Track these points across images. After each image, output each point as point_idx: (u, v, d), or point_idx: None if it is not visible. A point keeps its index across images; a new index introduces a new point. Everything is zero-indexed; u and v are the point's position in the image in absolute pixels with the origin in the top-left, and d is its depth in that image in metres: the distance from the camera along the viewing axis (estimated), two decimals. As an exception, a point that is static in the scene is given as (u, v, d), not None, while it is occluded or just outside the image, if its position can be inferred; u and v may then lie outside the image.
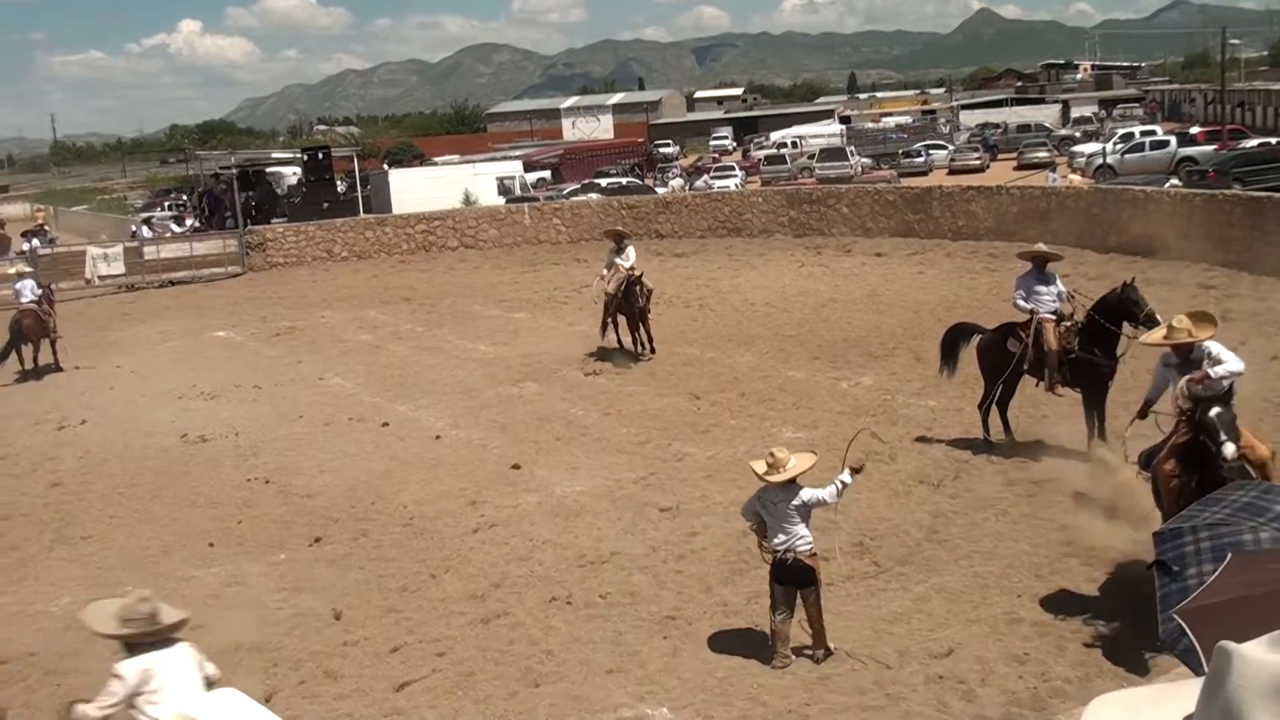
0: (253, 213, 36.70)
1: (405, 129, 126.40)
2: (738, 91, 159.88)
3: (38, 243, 29.93)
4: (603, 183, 43.33)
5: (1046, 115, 73.75)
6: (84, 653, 8.62)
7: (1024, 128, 60.60)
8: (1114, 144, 42.95)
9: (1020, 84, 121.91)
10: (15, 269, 21.86)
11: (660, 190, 41.38)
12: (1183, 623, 3.81)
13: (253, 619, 9.01)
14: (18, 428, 16.06)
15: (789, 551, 7.59)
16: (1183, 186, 28.36)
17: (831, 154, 50.59)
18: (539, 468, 12.46)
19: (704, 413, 14.25)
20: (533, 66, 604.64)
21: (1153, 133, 45.03)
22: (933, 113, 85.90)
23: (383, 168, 52.90)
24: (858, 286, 22.08)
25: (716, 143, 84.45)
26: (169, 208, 52.06)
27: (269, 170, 43.53)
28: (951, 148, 54.64)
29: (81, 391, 18.00)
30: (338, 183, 42.30)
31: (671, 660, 7.87)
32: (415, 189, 39.84)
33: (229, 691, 5.67)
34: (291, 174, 43.43)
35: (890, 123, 76.88)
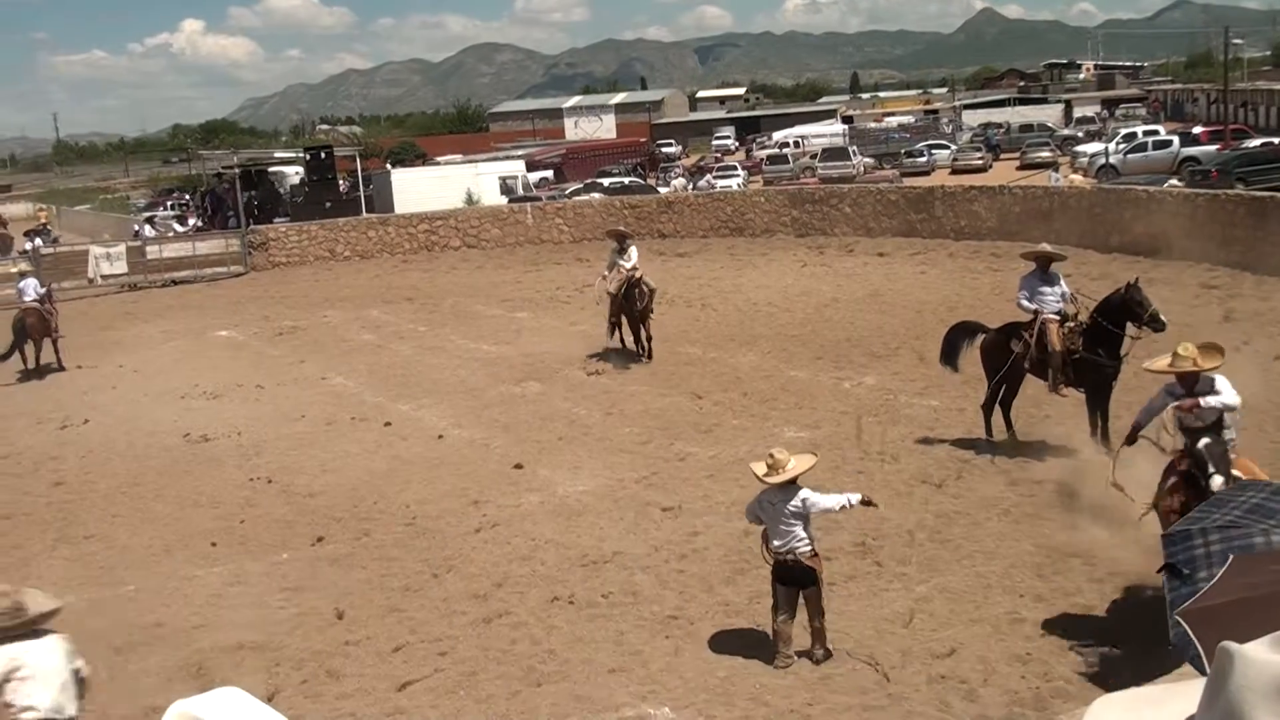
0: (255, 212, 36.72)
1: (408, 129, 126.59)
2: (740, 91, 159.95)
3: (40, 242, 29.97)
4: (605, 182, 43.29)
5: (1049, 115, 73.69)
6: (86, 651, 8.64)
7: (1026, 127, 60.54)
8: (1116, 144, 42.93)
9: (1023, 84, 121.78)
10: (18, 268, 21.92)
11: (663, 190, 41.36)
12: (1184, 624, 3.80)
13: (255, 618, 9.03)
14: (20, 427, 16.09)
15: (789, 553, 7.60)
16: (1183, 186, 28.34)
17: (834, 154, 50.59)
18: (541, 467, 12.46)
19: (706, 412, 14.25)
20: (535, 66, 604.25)
21: (1155, 133, 45.01)
22: (935, 112, 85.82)
23: (385, 167, 52.88)
24: (860, 286, 22.08)
25: (719, 142, 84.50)
26: (171, 207, 52.13)
27: (271, 170, 43.51)
28: (954, 148, 54.60)
29: (84, 391, 18.03)
30: (340, 182, 42.32)
31: (673, 660, 7.87)
32: (418, 189, 39.80)
33: (232, 690, 5.66)
34: (294, 174, 43.40)
35: (893, 122, 76.82)
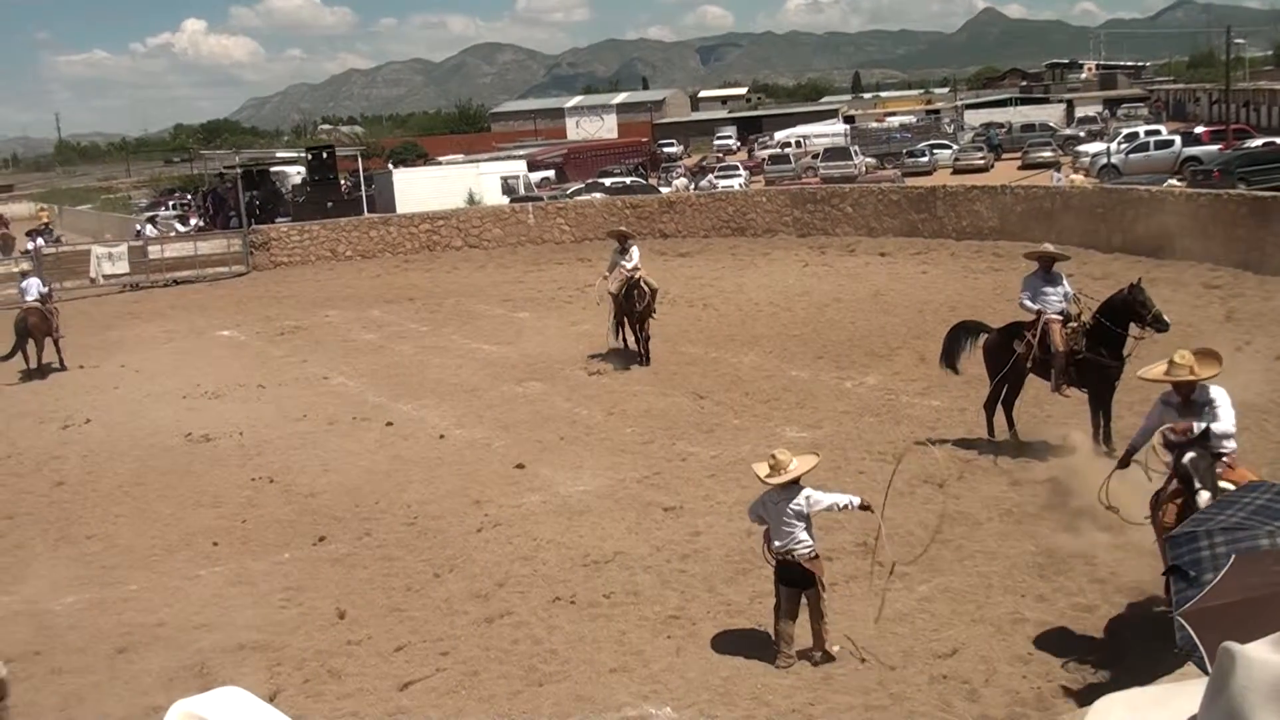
0: (257, 212, 36.76)
1: (409, 128, 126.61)
2: (742, 91, 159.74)
3: (42, 241, 29.99)
4: (607, 182, 43.29)
5: (1051, 115, 73.57)
6: (88, 651, 8.66)
7: (1028, 127, 60.51)
8: (1118, 144, 42.89)
9: (1025, 83, 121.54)
10: (20, 268, 21.95)
11: (664, 190, 41.36)
12: (1186, 624, 3.80)
13: (257, 618, 9.03)
14: (22, 427, 16.10)
15: (789, 554, 7.60)
16: (1184, 186, 28.30)
17: (835, 153, 50.52)
18: (543, 467, 12.46)
19: (708, 412, 14.25)
20: (537, 66, 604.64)
21: (1157, 132, 44.97)
22: (937, 112, 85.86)
23: (387, 167, 52.90)
24: (862, 286, 22.07)
25: (720, 142, 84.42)
26: (173, 207, 52.20)
27: (273, 170, 43.57)
28: (956, 147, 54.52)
29: (86, 391, 18.04)
30: (342, 182, 42.33)
31: (675, 660, 7.87)
32: (419, 188, 39.81)
33: (234, 690, 5.67)
34: (296, 173, 43.47)
35: (894, 122, 76.85)
